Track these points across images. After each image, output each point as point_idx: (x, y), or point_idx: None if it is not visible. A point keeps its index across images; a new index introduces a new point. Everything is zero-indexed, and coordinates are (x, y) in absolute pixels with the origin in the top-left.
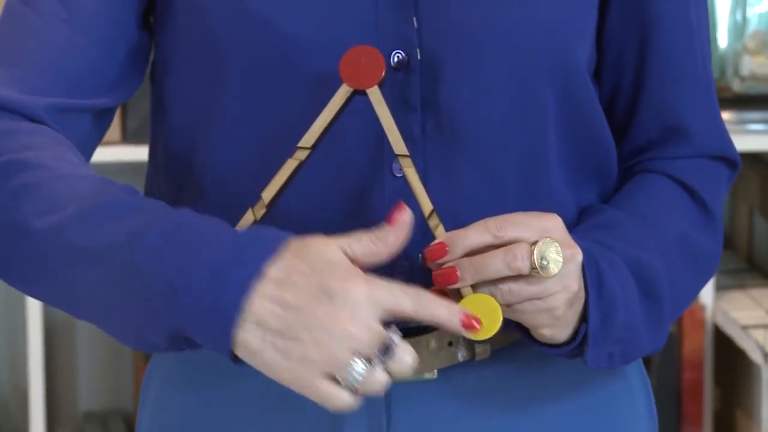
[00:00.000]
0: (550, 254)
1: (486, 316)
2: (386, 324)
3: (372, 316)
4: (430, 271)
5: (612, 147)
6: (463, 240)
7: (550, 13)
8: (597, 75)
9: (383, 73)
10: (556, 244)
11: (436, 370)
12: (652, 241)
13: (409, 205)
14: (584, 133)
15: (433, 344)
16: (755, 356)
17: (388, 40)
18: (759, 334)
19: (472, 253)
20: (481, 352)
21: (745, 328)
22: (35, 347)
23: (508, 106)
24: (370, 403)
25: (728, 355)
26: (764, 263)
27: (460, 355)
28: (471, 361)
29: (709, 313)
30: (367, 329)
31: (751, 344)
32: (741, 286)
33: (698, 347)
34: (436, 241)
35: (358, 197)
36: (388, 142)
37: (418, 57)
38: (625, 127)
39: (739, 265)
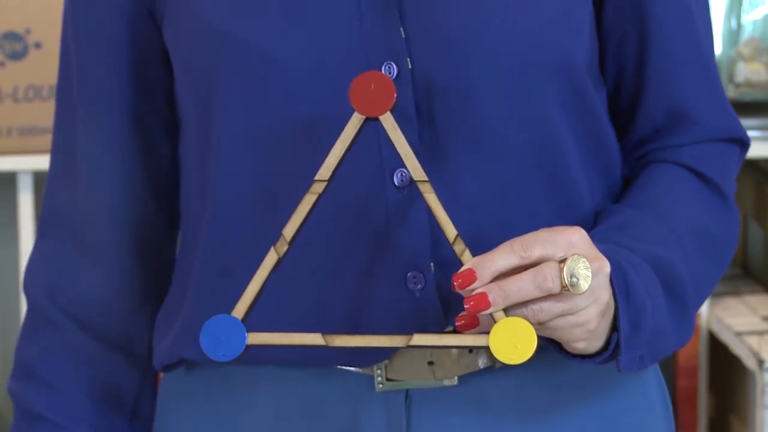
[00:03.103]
0: (580, 271)
1: (520, 340)
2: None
3: None
4: (443, 282)
5: (615, 139)
6: (491, 265)
7: (541, 14)
8: (600, 65)
9: (395, 98)
10: (584, 259)
11: (456, 378)
12: (669, 235)
13: (412, 219)
14: (591, 129)
15: (454, 351)
16: (750, 363)
17: (377, 52)
18: (753, 341)
19: (500, 276)
20: None
21: (739, 334)
22: None
23: (506, 111)
24: (390, 410)
25: (723, 361)
26: (759, 270)
27: (480, 362)
28: (491, 368)
29: (703, 320)
30: None
31: (745, 351)
32: (735, 293)
33: (693, 354)
34: (464, 268)
35: (359, 209)
36: (388, 153)
37: (409, 66)
38: (630, 116)
39: (733, 272)
